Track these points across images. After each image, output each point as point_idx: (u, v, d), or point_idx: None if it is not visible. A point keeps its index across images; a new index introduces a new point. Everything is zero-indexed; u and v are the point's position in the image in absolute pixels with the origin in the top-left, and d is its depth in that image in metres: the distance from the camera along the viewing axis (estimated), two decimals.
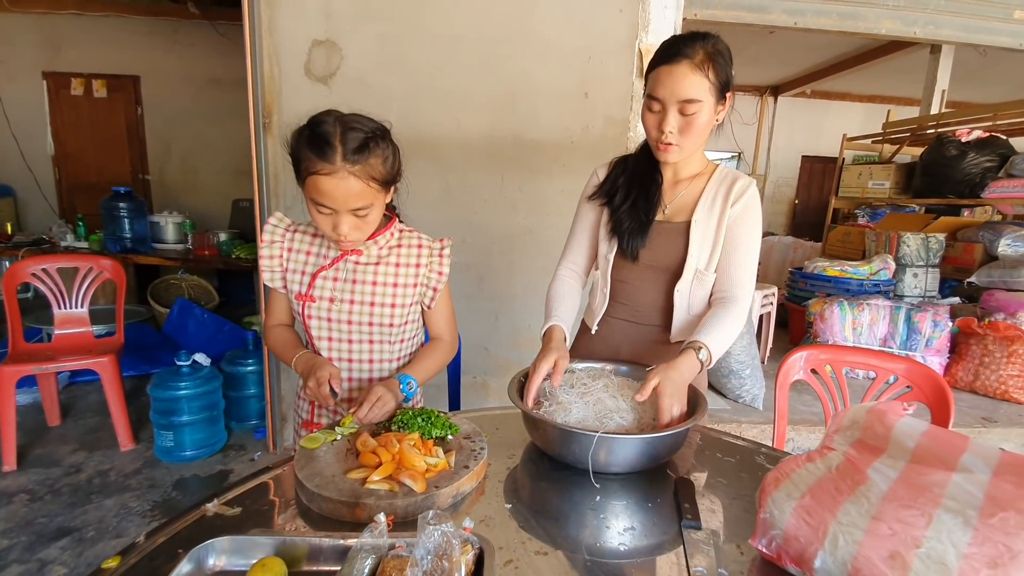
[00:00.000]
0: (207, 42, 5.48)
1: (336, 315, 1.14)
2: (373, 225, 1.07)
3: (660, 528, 0.80)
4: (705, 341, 1.06)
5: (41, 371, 2.46)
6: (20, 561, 1.79)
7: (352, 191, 0.98)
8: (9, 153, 5.56)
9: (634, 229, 1.18)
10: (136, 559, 0.67)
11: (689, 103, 1.04)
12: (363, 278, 1.14)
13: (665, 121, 1.07)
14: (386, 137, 1.04)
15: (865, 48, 5.54)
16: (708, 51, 1.03)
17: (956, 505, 0.62)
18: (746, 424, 2.68)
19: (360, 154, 0.97)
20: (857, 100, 7.90)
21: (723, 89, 1.07)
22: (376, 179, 1.01)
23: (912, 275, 3.80)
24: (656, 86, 1.07)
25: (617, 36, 2.15)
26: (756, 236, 1.16)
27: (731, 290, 1.14)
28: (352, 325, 1.15)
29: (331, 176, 0.96)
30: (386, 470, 0.81)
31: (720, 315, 1.11)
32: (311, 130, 0.98)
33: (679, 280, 1.17)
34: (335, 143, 0.96)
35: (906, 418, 0.81)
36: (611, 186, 1.24)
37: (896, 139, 4.64)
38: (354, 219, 1.02)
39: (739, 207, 1.14)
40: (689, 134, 1.08)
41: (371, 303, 1.14)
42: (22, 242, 4.22)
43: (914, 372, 1.44)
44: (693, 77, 1.03)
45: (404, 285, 1.16)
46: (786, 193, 8.24)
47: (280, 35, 2.13)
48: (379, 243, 1.14)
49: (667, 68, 1.05)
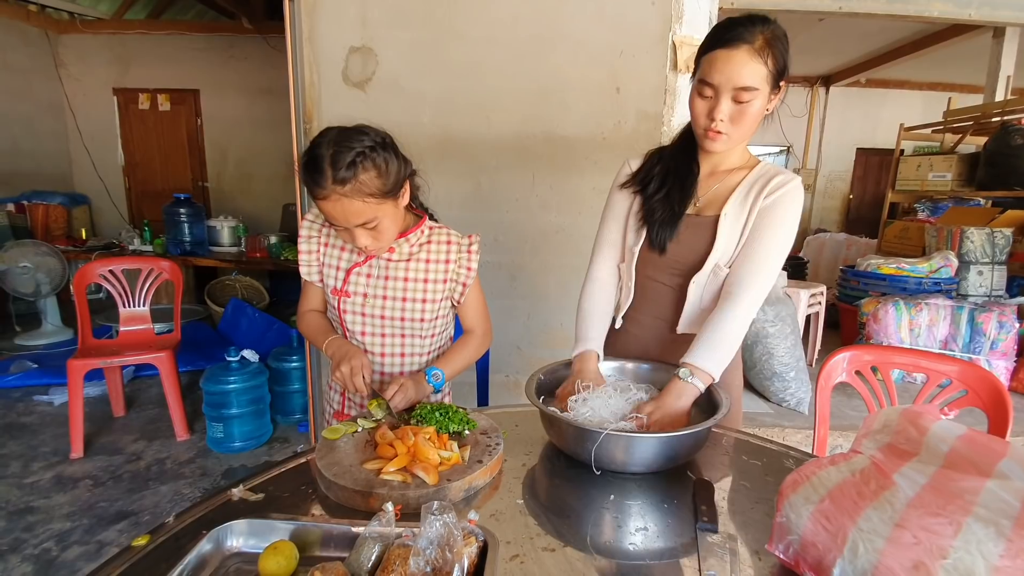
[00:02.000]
0: (259, 54, 5.76)
1: (370, 310, 1.18)
2: (389, 233, 1.09)
3: (675, 530, 0.78)
4: (698, 364, 1.01)
5: (106, 365, 2.65)
6: (81, 543, 1.93)
7: (349, 210, 1.00)
8: (84, 164, 6.03)
9: (665, 220, 1.13)
10: (164, 538, 0.71)
11: (745, 91, 0.98)
12: (395, 274, 1.18)
13: (717, 108, 1.00)
14: (381, 147, 1.03)
15: (923, 33, 5.20)
16: (768, 36, 0.97)
17: (988, 514, 0.57)
18: (790, 429, 2.57)
19: (348, 173, 0.97)
20: (916, 88, 7.41)
21: (779, 77, 1.01)
22: (372, 194, 1.01)
23: (976, 273, 3.53)
24: (710, 71, 0.99)
25: (649, 29, 2.11)
26: (782, 233, 1.07)
27: (737, 285, 1.06)
28: (385, 320, 1.19)
29: (327, 200, 0.99)
30: (400, 462, 0.82)
31: (716, 325, 1.04)
32: (307, 155, 1.01)
33: (697, 272, 1.12)
34: (324, 167, 0.97)
35: (943, 421, 0.76)
36: (646, 175, 1.19)
37: (958, 128, 4.33)
38: (366, 232, 1.05)
39: (771, 199, 1.07)
40: (741, 123, 1.02)
41: (403, 298, 1.18)
42: (95, 246, 4.56)
43: (969, 374, 1.34)
44: (752, 64, 0.96)
45: (434, 281, 1.19)
46: (839, 188, 7.83)
47: (319, 43, 2.21)
48: (410, 241, 1.18)
49: (724, 52, 0.97)
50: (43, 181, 5.58)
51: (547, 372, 1.12)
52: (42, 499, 2.18)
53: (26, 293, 3.81)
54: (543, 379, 1.10)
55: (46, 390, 3.17)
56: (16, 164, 5.43)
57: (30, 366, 3.46)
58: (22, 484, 2.28)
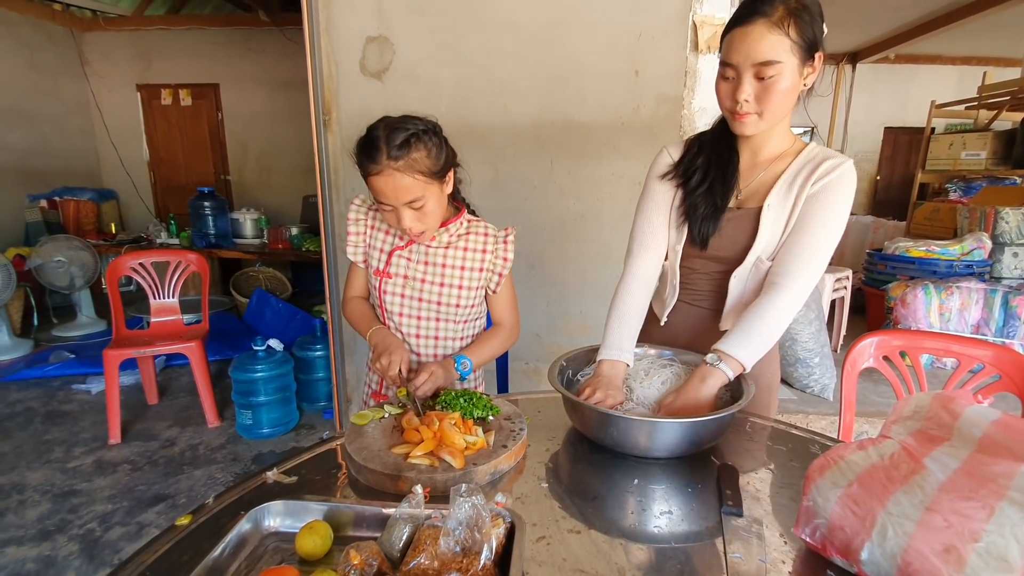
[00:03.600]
0: (276, 47, 5.80)
1: (409, 292, 1.24)
2: (434, 216, 1.14)
3: (699, 513, 0.79)
4: (735, 353, 0.98)
5: (139, 354, 2.74)
6: (122, 524, 2.02)
7: (400, 185, 1.06)
8: (110, 160, 6.18)
9: (708, 215, 1.09)
10: (205, 518, 0.74)
11: (766, 65, 0.93)
12: (435, 260, 1.23)
13: (740, 89, 0.96)
14: (432, 132, 1.11)
15: (958, 4, 4.97)
16: (790, 6, 0.92)
17: (1022, 498, 0.56)
18: (814, 416, 2.54)
19: (402, 151, 1.05)
20: (949, 63, 7.11)
21: (809, 48, 0.94)
22: (422, 172, 1.07)
23: (1012, 255, 3.41)
24: (729, 51, 0.97)
25: (669, 10, 2.06)
26: (832, 220, 1.00)
27: (782, 276, 1.01)
28: (423, 303, 1.24)
29: (380, 175, 1.06)
30: (427, 447, 0.84)
31: (756, 314, 1.00)
32: (365, 137, 1.09)
33: (739, 266, 1.09)
34: (381, 145, 1.05)
35: (976, 406, 0.74)
36: (688, 166, 1.14)
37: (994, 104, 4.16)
38: (412, 212, 1.10)
39: (820, 185, 1.00)
40: (768, 101, 0.96)
41: (440, 283, 1.23)
42: (124, 240, 4.70)
43: (1003, 359, 1.31)
44: (770, 36, 0.92)
45: (471, 269, 1.24)
46: (866, 169, 7.61)
47: (336, 34, 2.22)
48: (450, 231, 1.23)
49: (741, 30, 0.94)
50: (73, 178, 5.74)
51: (569, 359, 1.13)
52: (84, 482, 2.28)
53: (61, 286, 3.94)
54: (565, 365, 1.11)
55: (84, 379, 3.30)
56: (48, 162, 5.59)
57: (68, 356, 3.60)
58: (65, 468, 2.39)
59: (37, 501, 2.15)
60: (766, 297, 1.02)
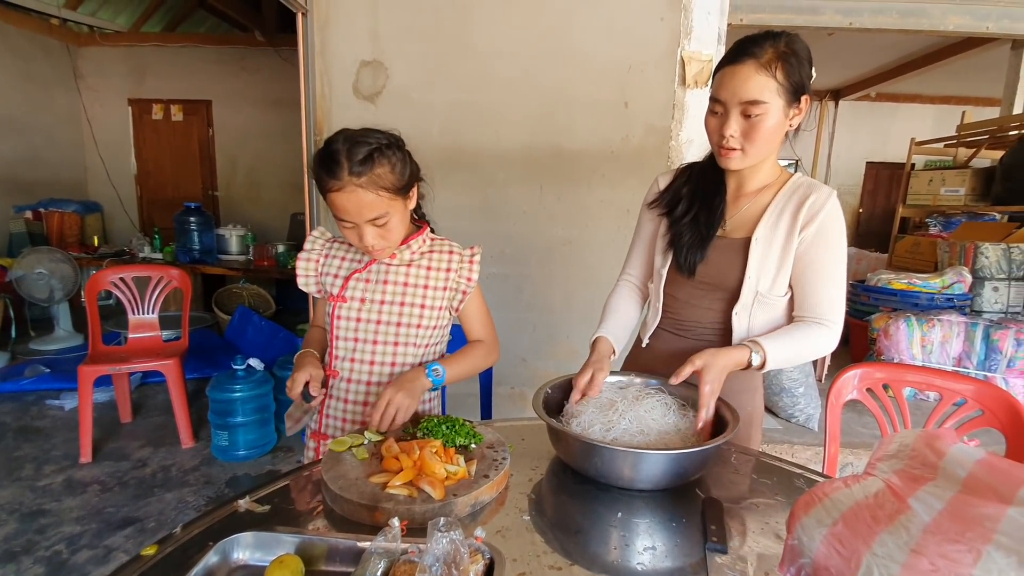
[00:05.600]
0: (271, 66, 5.85)
1: (366, 315, 1.17)
2: (397, 232, 1.10)
3: (683, 549, 0.77)
4: (766, 344, 1.01)
5: (115, 371, 2.66)
6: (89, 547, 1.94)
7: (363, 202, 1.02)
8: (98, 173, 6.13)
9: (694, 244, 1.11)
10: (171, 548, 0.71)
11: (752, 104, 0.98)
12: (394, 279, 1.17)
13: (727, 124, 1.01)
14: (395, 146, 1.07)
15: (937, 46, 5.19)
16: (779, 50, 0.97)
17: (1010, 542, 0.56)
18: (799, 446, 2.53)
19: (364, 166, 1.00)
20: (928, 102, 7.39)
21: (796, 91, 1.00)
22: (386, 188, 1.03)
23: (992, 289, 3.48)
24: (718, 87, 1.02)
25: (658, 44, 2.12)
26: (837, 257, 1.06)
27: (816, 315, 1.06)
28: (380, 324, 1.17)
29: (341, 191, 1.01)
30: (406, 476, 0.82)
31: (800, 330, 1.06)
32: (323, 151, 1.04)
33: (737, 302, 1.09)
34: (341, 160, 1.00)
35: (960, 445, 0.74)
36: (673, 195, 1.18)
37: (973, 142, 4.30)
38: (375, 229, 1.06)
39: (812, 229, 1.04)
40: (754, 139, 1.01)
41: (400, 303, 1.17)
42: (106, 253, 4.62)
43: (985, 394, 1.32)
44: (757, 77, 0.97)
45: (434, 288, 1.18)
46: (849, 202, 7.80)
47: (331, 57, 2.24)
48: (412, 248, 1.18)
49: (731, 68, 0.99)
50: (59, 189, 5.67)
51: (554, 386, 1.11)
52: (53, 502, 2.20)
53: (40, 299, 3.85)
54: (550, 393, 1.09)
55: (58, 395, 3.20)
56: (36, 173, 5.53)
57: (43, 370, 3.49)
58: (35, 487, 2.30)
59: (4, 520, 2.07)
60: (810, 327, 1.06)
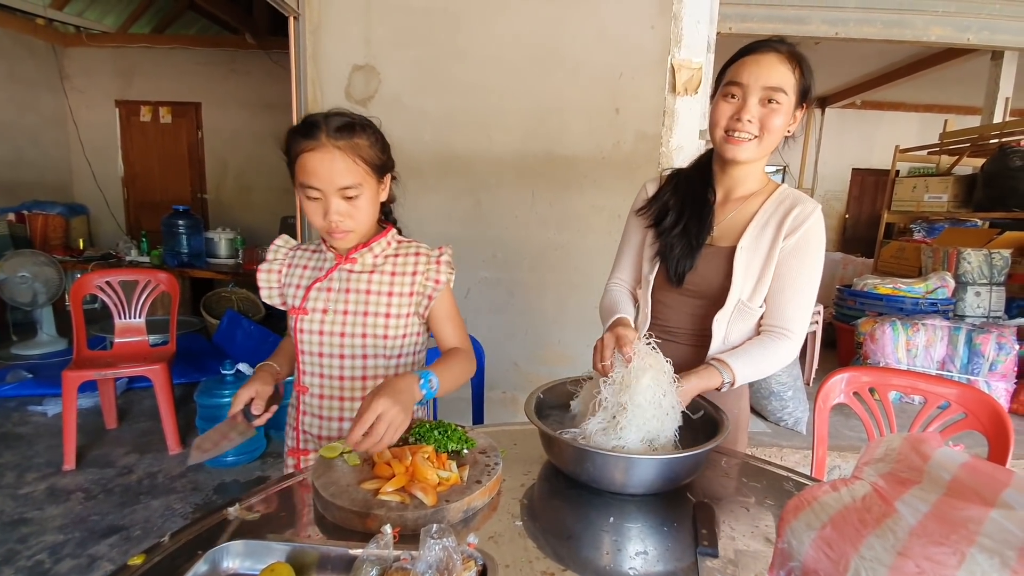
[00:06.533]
0: (262, 69, 5.82)
1: (329, 327, 1.10)
2: (364, 214, 1.04)
3: (674, 554, 0.78)
4: (733, 364, 1.02)
5: (100, 377, 2.62)
6: (73, 556, 1.90)
7: (337, 167, 0.98)
8: (83, 175, 6.05)
9: (684, 254, 1.12)
10: (159, 557, 0.70)
11: (774, 91, 0.99)
12: (357, 287, 1.10)
13: (745, 108, 1.00)
14: (372, 127, 1.05)
15: (920, 56, 5.30)
16: (795, 52, 1.03)
17: (992, 544, 0.57)
18: (788, 449, 2.56)
19: (344, 132, 0.98)
20: (912, 110, 7.54)
21: (804, 94, 1.03)
22: (364, 159, 1.00)
23: (974, 294, 3.55)
24: (739, 72, 1.01)
25: (649, 52, 2.14)
26: (812, 270, 1.07)
27: (780, 325, 1.08)
28: (345, 337, 1.10)
29: (316, 151, 0.97)
30: (399, 482, 0.82)
31: (764, 344, 1.07)
32: (301, 122, 1.02)
33: (720, 310, 1.10)
34: (320, 123, 0.98)
35: (945, 449, 0.75)
36: (662, 205, 1.17)
37: (955, 150, 4.39)
38: (343, 203, 1.00)
39: (793, 240, 1.05)
40: (767, 130, 1.01)
41: (364, 312, 1.09)
42: (92, 257, 4.56)
43: (968, 397, 1.34)
44: (782, 67, 0.99)
45: (400, 294, 1.11)
46: (835, 207, 7.92)
47: (323, 61, 2.24)
48: (374, 251, 1.11)
49: (754, 56, 1.01)
50: (44, 191, 5.59)
51: (546, 390, 1.12)
52: (35, 511, 2.15)
53: (23, 303, 3.79)
54: (542, 397, 1.09)
55: (40, 400, 3.14)
56: (19, 174, 5.44)
57: (25, 376, 3.43)
58: (16, 495, 2.26)
59: None
60: (773, 341, 1.08)
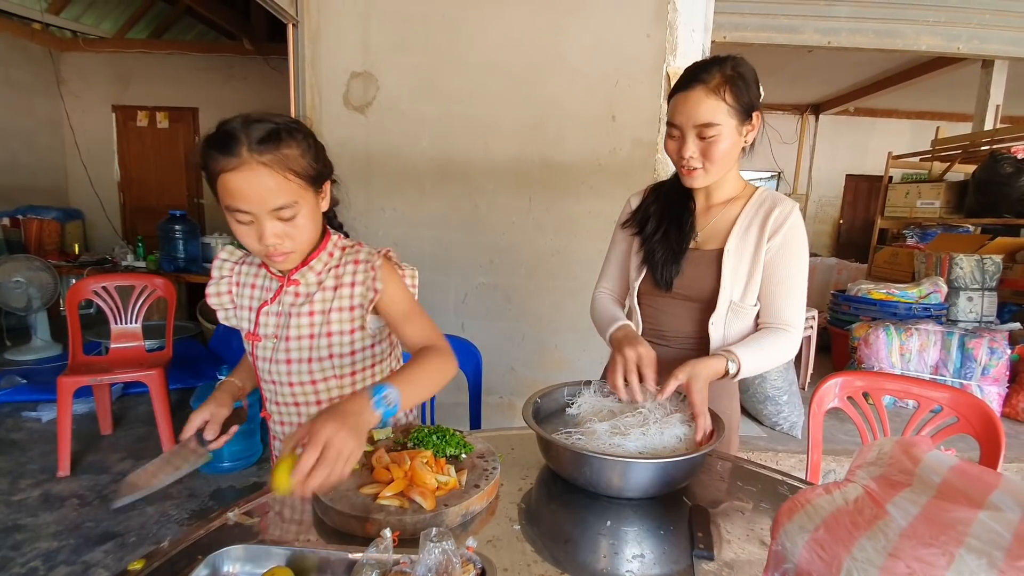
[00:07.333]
0: (259, 75, 5.84)
1: (277, 354, 1.02)
2: (305, 232, 0.92)
3: (671, 557, 0.79)
4: (739, 353, 1.05)
5: (96, 382, 2.61)
6: (67, 563, 1.89)
7: (266, 185, 0.84)
8: (80, 179, 6.04)
9: (667, 259, 1.17)
10: (159, 563, 0.70)
11: (706, 127, 1.04)
12: (299, 310, 1.00)
13: (684, 146, 1.08)
14: (301, 131, 0.92)
15: (911, 64, 5.36)
16: (726, 74, 1.04)
17: (981, 545, 0.58)
18: (783, 453, 2.57)
19: (268, 143, 0.85)
20: (904, 117, 7.62)
21: (746, 111, 1.06)
22: (296, 173, 0.87)
23: (966, 299, 3.58)
24: (673, 113, 1.09)
25: (645, 60, 2.17)
26: (801, 266, 1.12)
27: (780, 321, 1.12)
28: (291, 364, 1.02)
29: (238, 170, 0.83)
30: (397, 486, 0.82)
31: (768, 337, 1.11)
32: (214, 132, 0.87)
33: (713, 312, 1.14)
34: (239, 135, 0.84)
35: (936, 452, 0.77)
36: (643, 215, 1.24)
37: (946, 157, 4.44)
38: (279, 224, 0.88)
39: (778, 240, 1.11)
40: (712, 157, 1.07)
41: (310, 335, 1.00)
42: (87, 261, 4.53)
43: (960, 402, 1.36)
44: (708, 101, 1.03)
45: (340, 309, 1.00)
46: (829, 213, 7.97)
47: (321, 68, 2.25)
48: (315, 268, 1.00)
49: (683, 95, 1.06)
50: (39, 196, 5.57)
51: (544, 395, 1.13)
52: (29, 517, 2.14)
53: (17, 308, 3.77)
54: (540, 402, 1.10)
55: (34, 406, 3.12)
56: (14, 179, 5.43)
57: (19, 381, 3.41)
58: (10, 502, 2.24)
59: None
60: (775, 333, 1.12)
